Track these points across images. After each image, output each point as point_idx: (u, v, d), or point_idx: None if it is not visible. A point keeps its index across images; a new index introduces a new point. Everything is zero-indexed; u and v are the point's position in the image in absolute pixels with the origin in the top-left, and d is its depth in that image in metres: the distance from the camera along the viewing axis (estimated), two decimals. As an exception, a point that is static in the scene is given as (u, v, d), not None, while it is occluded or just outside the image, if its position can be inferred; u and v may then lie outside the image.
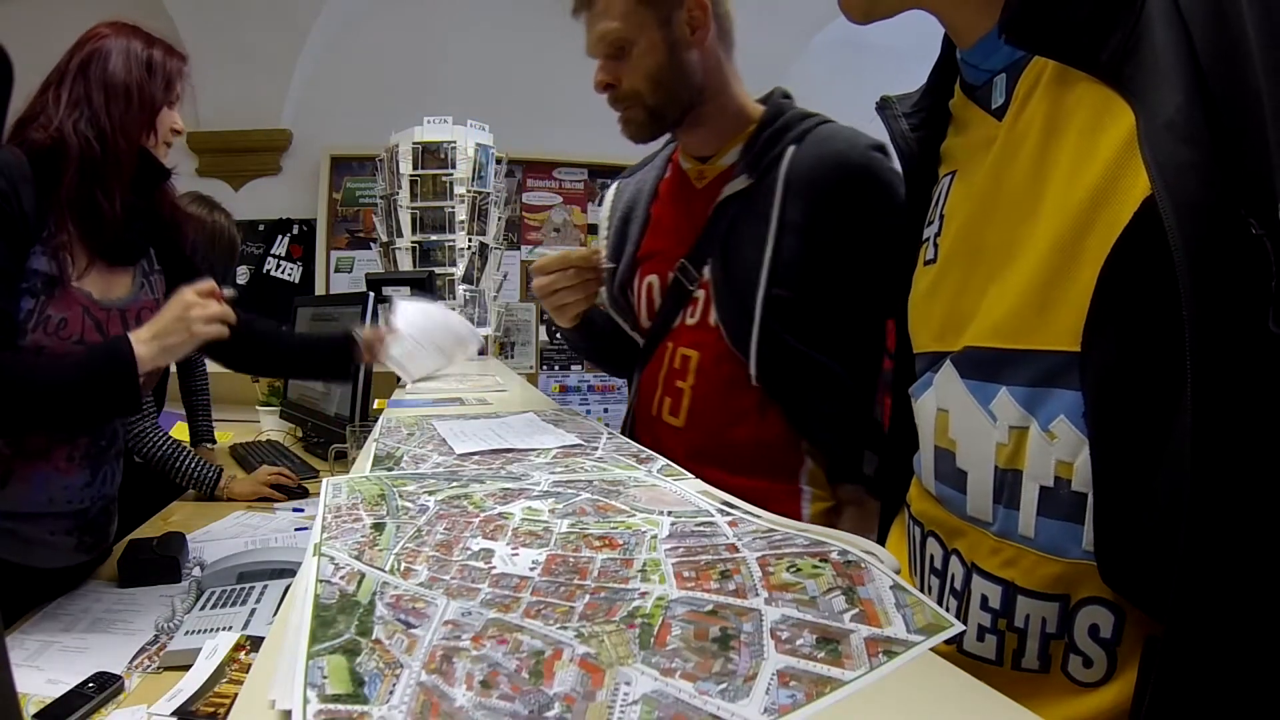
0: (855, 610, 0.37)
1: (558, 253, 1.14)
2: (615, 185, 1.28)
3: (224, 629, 0.90)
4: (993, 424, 0.50)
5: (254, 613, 0.97)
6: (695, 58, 1.03)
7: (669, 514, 0.53)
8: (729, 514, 0.54)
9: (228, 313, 1.07)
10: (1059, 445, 0.47)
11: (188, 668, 0.82)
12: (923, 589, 0.59)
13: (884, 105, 0.70)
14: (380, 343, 1.38)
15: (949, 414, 0.56)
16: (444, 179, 2.82)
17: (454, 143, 2.81)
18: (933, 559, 0.59)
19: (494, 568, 0.44)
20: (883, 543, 0.70)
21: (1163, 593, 0.40)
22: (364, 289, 2.16)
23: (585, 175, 4.09)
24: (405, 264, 2.87)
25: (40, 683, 0.83)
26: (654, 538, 0.48)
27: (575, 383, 4.07)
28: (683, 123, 1.06)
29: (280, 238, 3.59)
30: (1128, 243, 0.42)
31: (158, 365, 1.02)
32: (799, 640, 0.34)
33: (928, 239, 0.62)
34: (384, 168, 2.98)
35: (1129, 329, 0.42)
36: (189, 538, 1.28)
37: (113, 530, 1.20)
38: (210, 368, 2.19)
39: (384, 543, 0.48)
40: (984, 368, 0.52)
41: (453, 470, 0.70)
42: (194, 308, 1.03)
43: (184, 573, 1.17)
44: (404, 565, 0.44)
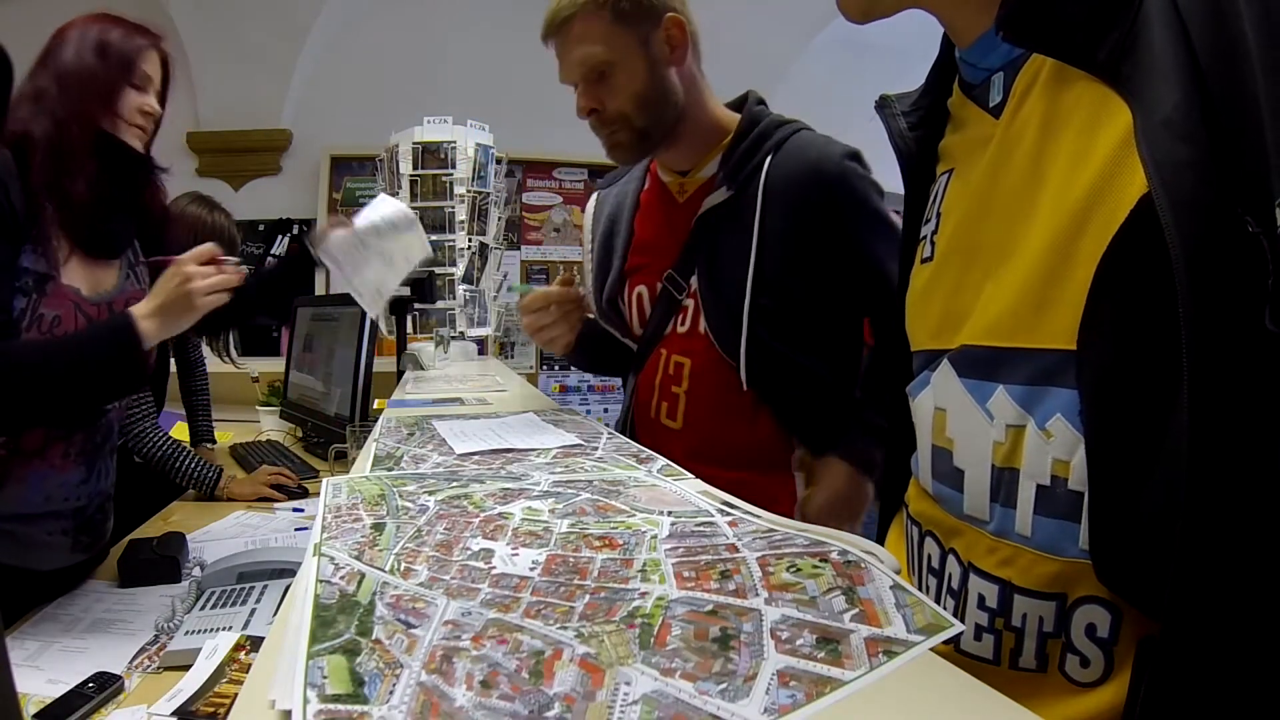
0: (855, 610, 0.37)
1: (540, 291, 1.17)
2: (595, 196, 1.29)
3: (224, 629, 0.90)
4: (990, 422, 0.51)
5: (254, 613, 0.97)
6: (674, 76, 1.04)
7: (669, 514, 0.53)
8: (729, 514, 0.54)
9: (228, 279, 1.04)
10: (1056, 444, 0.47)
11: (188, 668, 0.82)
12: (920, 588, 0.59)
13: (883, 104, 0.70)
14: (326, 233, 1.28)
15: (946, 413, 0.56)
16: (444, 179, 2.82)
17: (454, 143, 2.81)
18: (930, 558, 0.59)
19: (494, 568, 0.44)
20: (881, 543, 0.70)
21: (1159, 591, 0.40)
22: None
23: (585, 175, 4.09)
24: (405, 264, 2.87)
25: (40, 683, 0.83)
26: (654, 538, 0.48)
27: (575, 383, 4.07)
28: (665, 140, 1.07)
29: (280, 238, 3.60)
30: (1124, 241, 0.42)
31: (161, 338, 1.00)
32: (799, 640, 0.35)
33: (925, 237, 0.62)
34: (384, 168, 2.98)
35: (1125, 327, 0.42)
36: (189, 538, 1.28)
37: (109, 529, 1.19)
38: (210, 368, 2.19)
39: (384, 543, 0.48)
40: (981, 366, 0.52)
41: (453, 470, 0.70)
42: (194, 278, 0.99)
43: (184, 573, 1.17)
44: (404, 565, 0.44)
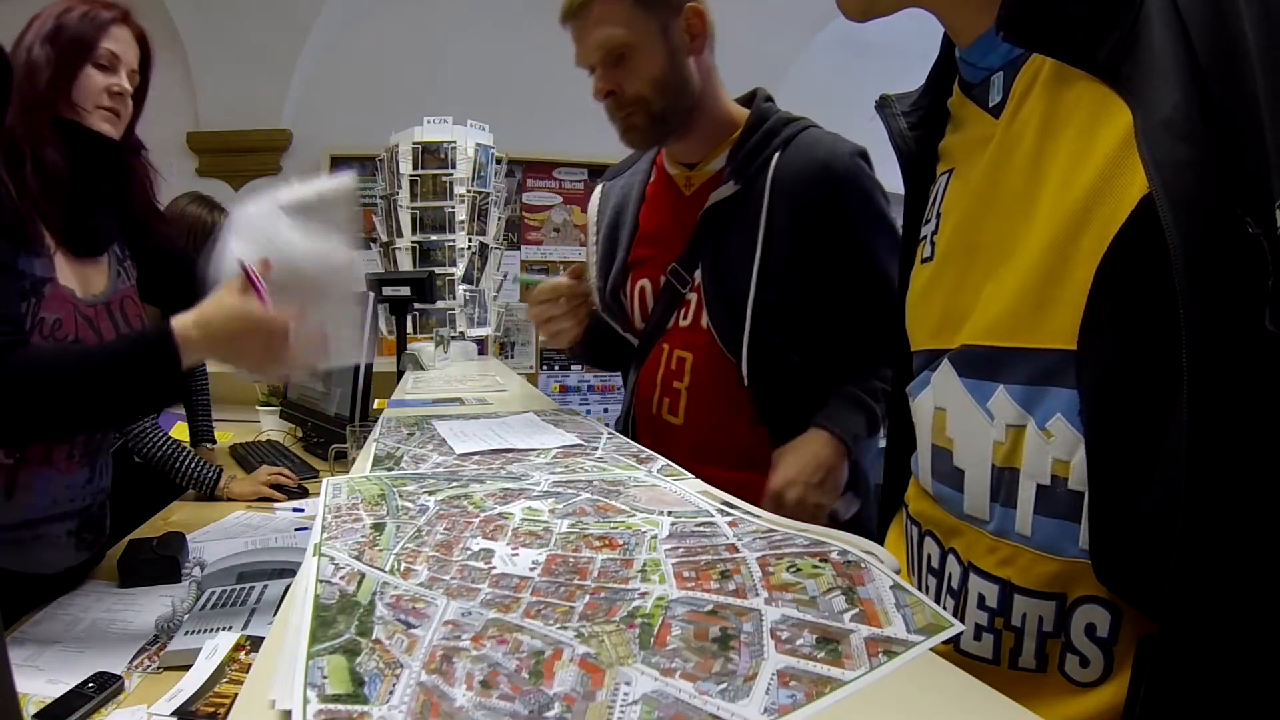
0: (855, 610, 0.37)
1: (549, 283, 1.15)
2: (600, 188, 1.29)
3: (224, 629, 0.90)
4: (990, 422, 0.50)
5: (254, 613, 0.96)
6: (693, 64, 1.04)
7: (669, 514, 0.53)
8: (729, 514, 0.54)
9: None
10: (1056, 444, 0.47)
11: (188, 668, 0.82)
12: (920, 588, 0.59)
13: (883, 104, 0.70)
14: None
15: (946, 412, 0.56)
16: (444, 179, 2.82)
17: (454, 143, 2.81)
18: (930, 558, 0.59)
19: (494, 568, 0.44)
20: (881, 542, 0.70)
21: (1158, 591, 0.40)
22: (364, 289, 2.16)
23: (585, 175, 4.09)
24: (405, 264, 2.87)
25: (40, 683, 0.83)
26: (654, 538, 0.48)
27: (575, 383, 4.07)
28: (679, 128, 1.06)
29: (280, 238, 3.59)
30: (1124, 241, 0.42)
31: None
32: (799, 640, 0.35)
33: (925, 237, 0.62)
34: (384, 168, 2.98)
35: (1125, 327, 0.42)
36: (189, 538, 1.28)
37: (108, 525, 1.19)
38: (210, 367, 2.19)
39: (384, 543, 0.48)
40: (981, 366, 0.52)
41: (453, 470, 0.70)
42: (275, 340, 0.88)
43: (184, 573, 1.17)
44: (404, 565, 0.44)
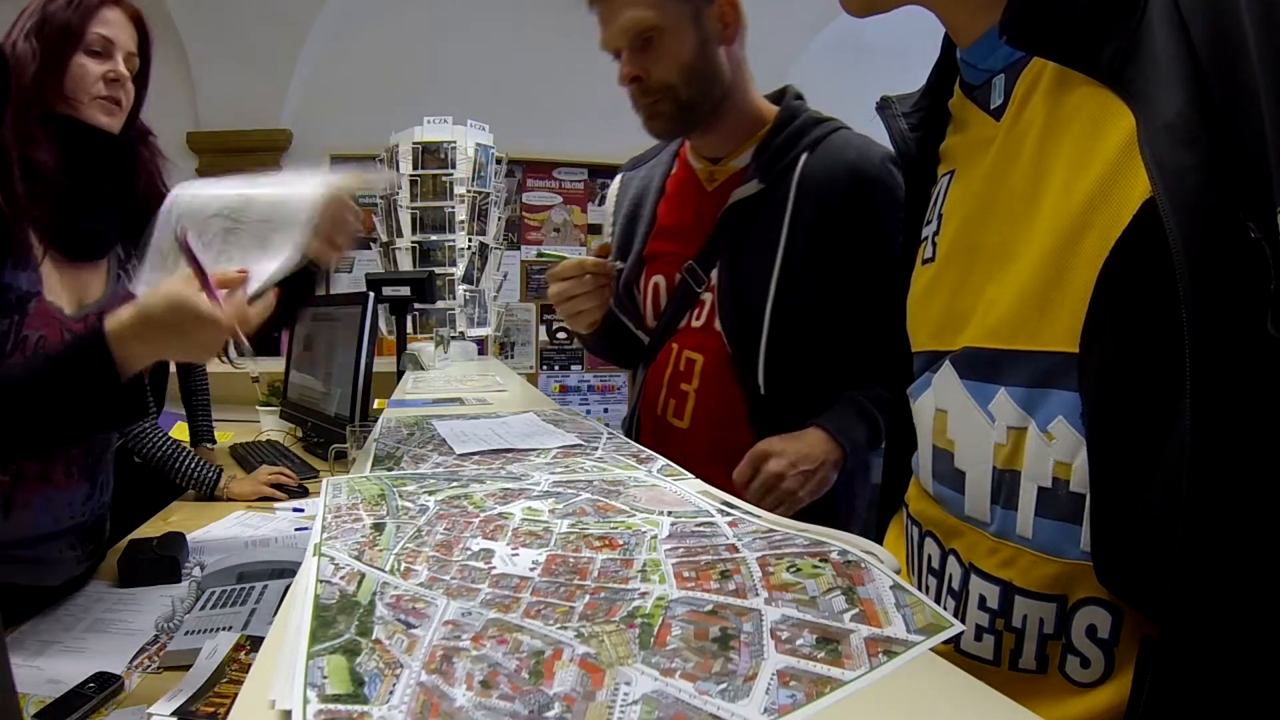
0: (855, 610, 0.37)
1: (573, 260, 1.08)
2: (619, 178, 1.24)
3: (224, 629, 0.90)
4: (991, 424, 0.51)
5: (254, 613, 0.96)
6: (723, 55, 1.01)
7: (669, 514, 0.53)
8: (729, 514, 0.54)
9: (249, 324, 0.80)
10: (1057, 446, 0.47)
11: (188, 668, 0.82)
12: (920, 589, 0.59)
13: (884, 105, 0.70)
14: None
15: (947, 414, 0.56)
16: (444, 179, 2.82)
17: (454, 143, 2.81)
18: (930, 559, 0.59)
19: (494, 568, 0.44)
20: (881, 543, 0.70)
21: (1159, 594, 0.40)
22: (364, 289, 2.16)
23: (585, 175, 4.09)
24: (405, 264, 2.88)
25: (40, 683, 0.83)
26: (654, 538, 0.48)
27: (575, 383, 4.08)
28: (706, 119, 1.03)
29: (280, 238, 3.59)
30: (1127, 245, 0.42)
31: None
32: (799, 640, 0.35)
33: (926, 238, 0.62)
34: (384, 168, 2.98)
35: (1127, 331, 0.43)
36: (189, 538, 1.28)
37: (107, 533, 1.19)
38: (210, 368, 2.19)
39: (384, 543, 0.48)
40: (982, 368, 0.52)
41: (453, 470, 0.70)
42: (206, 329, 0.75)
43: (184, 573, 1.17)
44: (404, 565, 0.44)
